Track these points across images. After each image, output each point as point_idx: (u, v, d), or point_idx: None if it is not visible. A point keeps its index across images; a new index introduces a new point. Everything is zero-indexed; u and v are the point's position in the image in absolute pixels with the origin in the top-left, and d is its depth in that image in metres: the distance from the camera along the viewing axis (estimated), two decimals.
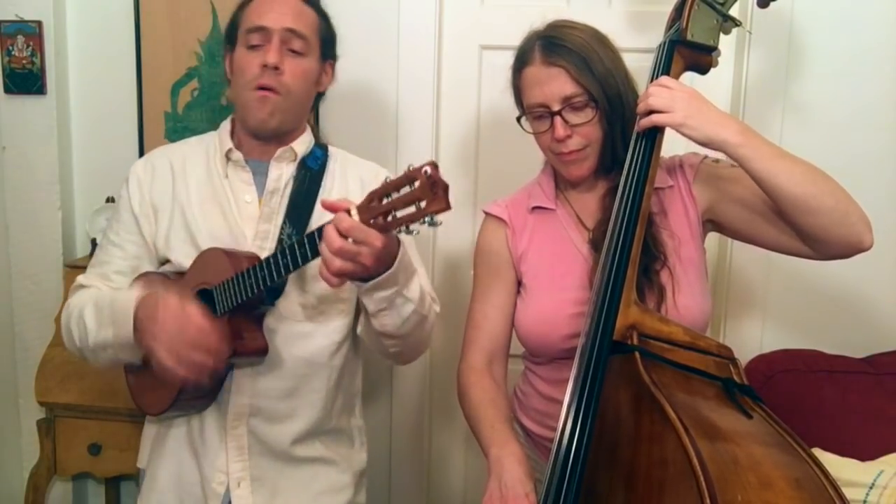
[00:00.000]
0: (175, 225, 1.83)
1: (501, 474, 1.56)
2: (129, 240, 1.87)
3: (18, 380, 2.75)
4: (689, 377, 1.41)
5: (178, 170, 1.89)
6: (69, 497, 2.80)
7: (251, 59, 1.78)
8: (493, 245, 1.86)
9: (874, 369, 2.25)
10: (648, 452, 1.32)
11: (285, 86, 1.78)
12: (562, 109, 1.67)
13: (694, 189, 1.74)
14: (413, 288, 1.68)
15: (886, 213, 2.35)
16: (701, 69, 1.72)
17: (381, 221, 1.41)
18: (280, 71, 1.77)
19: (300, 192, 1.84)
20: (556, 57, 1.68)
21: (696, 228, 1.74)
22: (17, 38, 2.57)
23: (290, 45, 1.79)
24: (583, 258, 1.75)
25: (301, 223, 1.80)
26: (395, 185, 1.39)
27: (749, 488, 1.20)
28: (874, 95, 2.32)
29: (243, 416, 1.79)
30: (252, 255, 1.72)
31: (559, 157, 1.73)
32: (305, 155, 1.89)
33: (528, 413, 1.88)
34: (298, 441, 1.84)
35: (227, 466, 1.80)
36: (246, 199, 1.84)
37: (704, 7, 1.67)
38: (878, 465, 1.99)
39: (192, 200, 1.84)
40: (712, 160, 1.74)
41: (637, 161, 1.60)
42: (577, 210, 1.81)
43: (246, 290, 1.63)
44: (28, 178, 2.65)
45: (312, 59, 1.84)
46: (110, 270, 1.87)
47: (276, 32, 1.77)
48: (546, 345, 1.77)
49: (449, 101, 2.59)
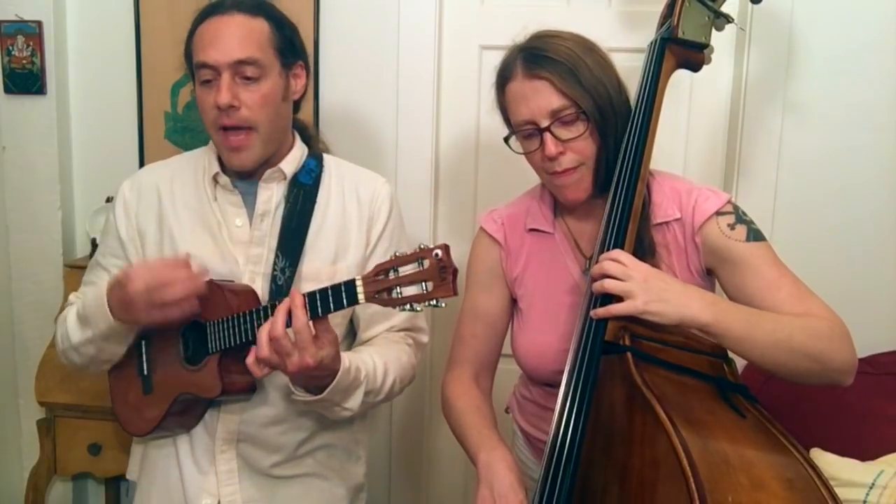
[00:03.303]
0: (164, 252, 1.79)
1: (492, 481, 1.54)
2: (115, 264, 1.84)
3: (18, 380, 2.75)
4: (682, 377, 1.40)
5: (164, 192, 1.83)
6: (69, 497, 2.80)
7: (207, 97, 1.69)
8: (487, 263, 1.81)
9: (873, 369, 2.24)
10: (641, 453, 1.31)
11: (247, 120, 1.68)
12: (551, 125, 1.57)
13: (697, 238, 1.62)
14: (354, 399, 1.66)
15: (886, 213, 2.35)
16: (693, 67, 1.71)
17: (385, 297, 1.39)
18: (237, 108, 1.66)
19: (292, 216, 1.77)
20: (538, 69, 1.57)
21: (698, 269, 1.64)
22: (17, 38, 2.58)
23: (243, 73, 1.67)
24: (577, 290, 1.69)
25: (294, 253, 1.74)
26: (403, 261, 1.37)
27: (740, 489, 1.19)
28: (874, 95, 2.31)
29: (232, 441, 1.77)
30: (249, 292, 1.69)
31: (553, 178, 1.62)
32: (297, 171, 1.81)
33: (526, 417, 1.87)
34: (288, 461, 1.81)
35: (218, 490, 1.77)
36: (237, 223, 1.78)
37: (696, 4, 1.66)
38: (878, 465, 1.99)
39: (181, 225, 1.79)
40: (726, 224, 1.59)
41: (630, 159, 1.58)
42: (576, 234, 1.74)
43: (239, 334, 1.60)
44: (28, 178, 2.65)
45: (272, 78, 1.71)
46: None
47: (224, 68, 1.66)
48: (538, 375, 1.75)
49: (449, 101, 2.58)
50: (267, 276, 1.74)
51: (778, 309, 1.50)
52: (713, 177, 2.47)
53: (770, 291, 1.53)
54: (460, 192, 2.60)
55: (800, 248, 2.31)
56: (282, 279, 1.71)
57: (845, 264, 2.36)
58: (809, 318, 1.48)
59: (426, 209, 2.57)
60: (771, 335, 1.43)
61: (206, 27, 1.70)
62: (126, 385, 1.81)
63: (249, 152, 1.71)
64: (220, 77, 1.66)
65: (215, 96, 1.66)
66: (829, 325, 1.48)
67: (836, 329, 1.48)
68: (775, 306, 1.51)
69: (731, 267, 1.58)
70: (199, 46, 1.69)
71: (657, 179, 1.66)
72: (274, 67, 1.71)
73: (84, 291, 1.87)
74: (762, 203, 2.35)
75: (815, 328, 1.46)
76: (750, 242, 1.57)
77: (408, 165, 2.54)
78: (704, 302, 1.42)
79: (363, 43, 2.52)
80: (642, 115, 1.60)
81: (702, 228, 1.60)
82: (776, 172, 2.37)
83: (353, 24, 2.51)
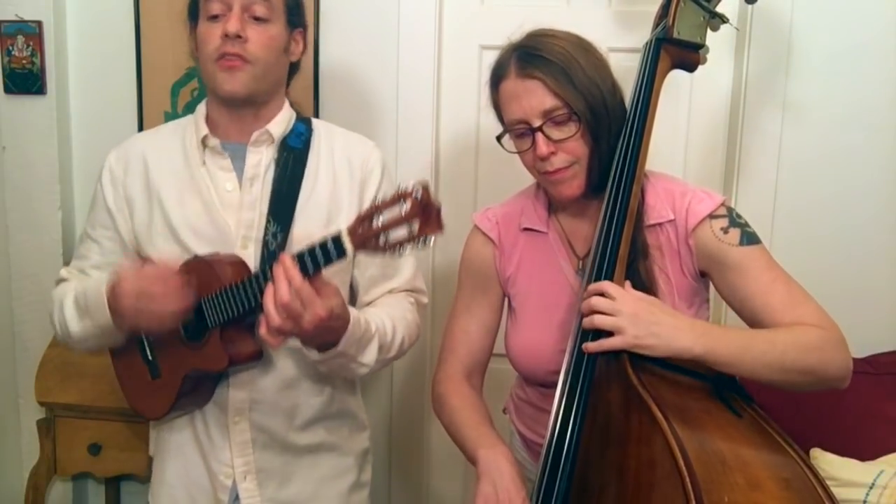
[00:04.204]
0: (154, 220, 1.79)
1: (495, 476, 1.53)
2: (105, 235, 1.85)
3: (18, 380, 2.75)
4: (678, 377, 1.41)
5: (152, 160, 1.83)
6: (69, 497, 2.80)
7: (212, 31, 1.70)
8: (480, 261, 1.81)
9: (874, 369, 2.24)
10: (637, 453, 1.31)
11: (251, 54, 1.70)
12: (543, 125, 1.56)
13: (690, 240, 1.61)
14: (369, 353, 1.68)
15: (885, 213, 2.35)
16: (688, 67, 1.71)
17: (373, 244, 1.38)
18: (243, 39, 1.68)
19: (282, 180, 1.77)
20: (531, 68, 1.56)
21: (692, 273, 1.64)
22: (17, 38, 2.58)
23: (253, 11, 1.70)
24: (571, 290, 1.69)
25: (286, 217, 1.74)
26: (384, 206, 1.36)
27: (737, 489, 1.19)
28: (873, 95, 2.31)
29: (244, 410, 1.78)
30: (238, 263, 1.68)
31: (545, 177, 1.62)
32: (286, 134, 1.81)
33: (523, 419, 1.87)
34: (302, 429, 1.83)
35: (232, 461, 1.80)
36: (227, 187, 1.78)
37: (691, 4, 1.67)
38: (878, 465, 1.99)
39: (170, 192, 1.79)
40: (720, 227, 1.59)
41: (625, 159, 1.58)
42: (569, 234, 1.74)
43: (237, 306, 1.60)
44: (28, 178, 2.65)
45: (278, 25, 1.74)
46: (87, 265, 1.87)
47: (236, 1, 1.69)
48: (532, 375, 1.76)
49: (449, 101, 2.58)
50: (259, 241, 1.74)
51: (771, 314, 1.51)
52: (713, 177, 2.47)
53: (763, 296, 1.53)
54: (460, 191, 2.60)
55: (799, 248, 2.31)
56: (273, 244, 1.71)
57: (845, 264, 2.36)
58: (802, 329, 1.48)
59: None
60: (763, 357, 1.43)
61: None
62: (133, 373, 1.81)
63: (243, 75, 1.70)
64: (231, 11, 1.68)
65: (224, 25, 1.68)
66: (821, 335, 1.47)
67: (828, 338, 1.48)
68: (767, 311, 1.51)
69: (724, 271, 1.58)
70: None
71: (651, 180, 1.66)
72: (281, 17, 1.75)
73: (80, 273, 1.88)
74: (762, 203, 2.35)
75: (807, 342, 1.46)
76: (744, 246, 1.56)
77: (408, 165, 2.54)
78: (695, 333, 1.42)
79: (363, 43, 2.52)
80: (638, 115, 1.60)
81: (695, 231, 1.59)
82: (776, 172, 2.37)
83: (353, 24, 2.51)
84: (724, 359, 1.41)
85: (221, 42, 1.68)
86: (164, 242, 1.78)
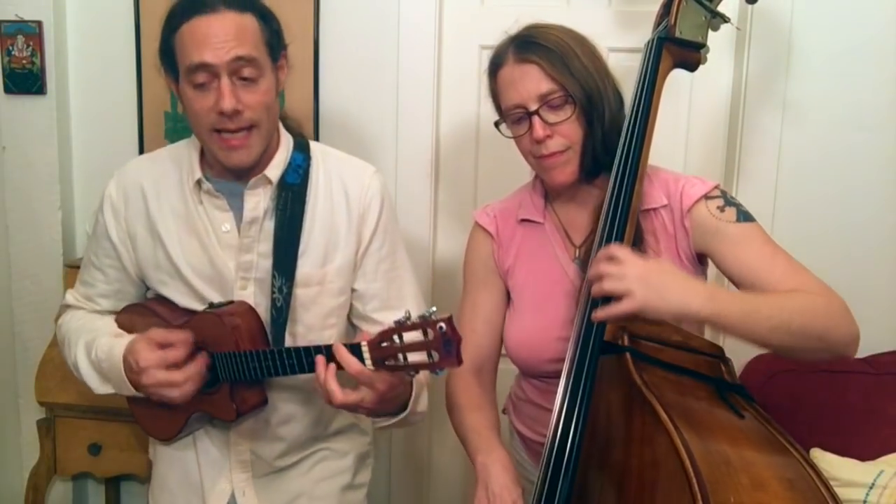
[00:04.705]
0: (158, 257, 1.77)
1: (488, 482, 1.57)
2: (110, 265, 1.83)
3: (18, 380, 2.75)
4: (681, 377, 1.41)
5: (150, 194, 1.78)
6: (69, 497, 2.80)
7: (202, 103, 1.60)
8: (481, 257, 1.84)
9: (874, 369, 2.24)
10: (640, 453, 1.32)
11: (251, 120, 1.62)
12: (539, 108, 1.60)
13: (687, 221, 1.64)
14: (423, 401, 1.71)
15: (885, 213, 2.35)
16: (690, 66, 1.71)
17: (391, 363, 1.41)
18: (240, 112, 1.59)
19: (282, 226, 1.71)
20: (528, 54, 1.61)
21: (688, 256, 1.66)
22: (17, 38, 2.57)
23: (241, 74, 1.59)
24: (568, 279, 1.71)
25: (289, 267, 1.70)
26: (408, 328, 1.38)
27: (742, 489, 1.20)
28: (873, 95, 2.31)
29: (245, 436, 1.80)
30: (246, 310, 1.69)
31: (541, 162, 1.65)
32: (283, 172, 1.73)
33: (522, 419, 1.88)
34: (297, 451, 1.85)
35: (231, 475, 1.81)
36: (224, 228, 1.73)
37: (693, 4, 1.67)
38: (878, 465, 1.99)
39: (169, 230, 1.75)
40: (716, 207, 1.62)
41: (627, 158, 1.58)
42: (565, 223, 1.76)
43: (248, 373, 1.62)
44: (28, 178, 2.65)
45: (267, 76, 1.65)
46: (94, 293, 1.87)
47: (223, 67, 1.57)
48: (530, 366, 1.77)
49: (449, 101, 2.58)
50: (259, 282, 1.72)
51: (774, 286, 1.51)
52: (713, 177, 2.41)
53: (765, 269, 1.54)
54: (460, 192, 2.60)
55: (799, 248, 2.28)
56: (280, 301, 1.69)
57: (845, 264, 2.36)
58: (808, 296, 1.48)
59: (426, 209, 2.57)
60: (769, 321, 1.42)
61: (194, 26, 1.58)
62: (144, 402, 1.78)
63: (250, 150, 1.65)
64: (219, 79, 1.58)
65: (217, 101, 1.58)
66: (827, 302, 1.48)
67: (834, 304, 1.49)
68: (771, 283, 1.52)
69: (724, 246, 1.60)
70: (192, 46, 1.58)
71: (647, 172, 1.67)
72: (268, 65, 1.65)
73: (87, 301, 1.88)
74: (762, 203, 2.35)
75: (813, 307, 1.46)
76: (741, 223, 1.59)
77: (408, 165, 2.54)
78: (703, 296, 1.40)
79: (363, 43, 2.52)
80: (639, 115, 1.61)
81: (691, 212, 1.63)
82: (776, 172, 2.37)
83: (353, 24, 2.51)
84: (731, 322, 1.41)
85: (217, 118, 1.60)
86: (169, 279, 1.77)
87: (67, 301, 1.90)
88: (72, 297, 1.90)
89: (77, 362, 1.78)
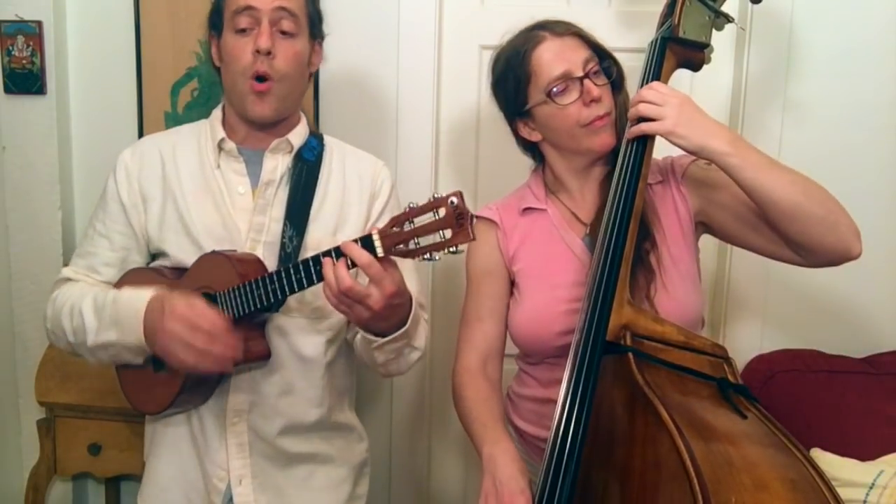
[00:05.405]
0: (168, 216, 1.80)
1: (495, 472, 1.57)
2: (117, 230, 1.83)
3: (18, 380, 2.74)
4: (683, 377, 1.41)
5: (167, 158, 1.84)
6: (69, 497, 2.79)
7: (242, 45, 1.73)
8: (485, 247, 1.85)
9: (874, 369, 2.25)
10: (642, 454, 1.32)
11: (279, 71, 1.73)
12: (588, 73, 1.69)
13: (683, 188, 1.74)
14: (420, 335, 1.71)
15: (885, 213, 2.35)
16: (693, 66, 1.73)
17: (403, 248, 1.41)
18: (273, 55, 1.71)
19: (297, 188, 1.80)
20: (566, 28, 1.73)
21: (688, 226, 1.74)
22: (17, 38, 2.57)
23: (281, 25, 1.73)
24: (575, 257, 1.75)
25: (301, 223, 1.77)
26: (418, 211, 1.39)
27: (743, 490, 1.20)
28: (873, 95, 2.32)
29: (243, 412, 1.79)
30: (255, 261, 1.70)
31: (591, 126, 1.70)
32: (301, 146, 1.84)
33: (522, 414, 1.88)
34: (298, 437, 1.83)
35: (228, 463, 1.80)
36: (239, 190, 1.81)
37: (696, 3, 1.68)
38: (878, 465, 1.99)
39: (183, 191, 1.80)
40: (704, 163, 1.70)
41: (629, 159, 1.60)
42: (571, 206, 1.81)
43: (254, 301, 1.61)
44: (28, 178, 2.64)
45: (303, 39, 1.78)
46: (98, 262, 1.84)
47: (266, 13, 1.71)
48: (539, 343, 1.77)
49: (449, 102, 2.58)
50: (269, 245, 1.76)
51: None
52: None
53: None
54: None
55: None
56: (290, 247, 1.73)
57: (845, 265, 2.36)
58: None
59: None
60: (788, 173, 1.55)
61: None
62: (135, 370, 1.78)
63: (272, 100, 1.75)
64: (260, 24, 1.71)
65: (255, 40, 1.70)
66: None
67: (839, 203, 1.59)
68: None
69: (719, 189, 1.69)
70: None
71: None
72: (305, 31, 1.79)
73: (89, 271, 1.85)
74: None
75: (826, 191, 1.58)
76: None
77: (408, 165, 2.54)
78: (729, 137, 1.54)
79: (363, 43, 2.52)
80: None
81: (685, 175, 1.76)
82: None
83: (353, 24, 2.51)
84: (752, 166, 1.53)
85: (253, 59, 1.71)
86: (175, 236, 1.79)
87: (66, 275, 1.87)
88: (70, 271, 1.87)
89: (82, 310, 1.73)
